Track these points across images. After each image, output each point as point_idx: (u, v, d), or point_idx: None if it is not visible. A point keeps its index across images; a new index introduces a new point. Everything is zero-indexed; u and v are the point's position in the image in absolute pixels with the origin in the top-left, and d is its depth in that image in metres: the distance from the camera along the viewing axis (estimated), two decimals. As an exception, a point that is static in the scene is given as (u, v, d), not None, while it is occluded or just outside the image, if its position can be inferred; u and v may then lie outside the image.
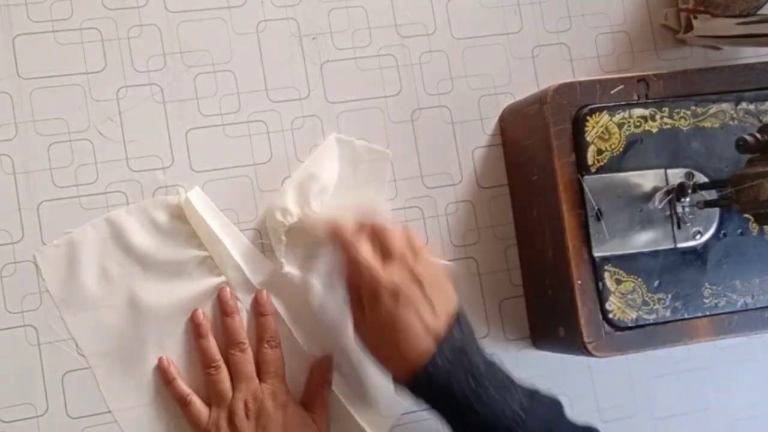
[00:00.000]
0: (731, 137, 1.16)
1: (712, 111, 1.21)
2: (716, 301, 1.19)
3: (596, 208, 1.16)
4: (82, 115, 1.19)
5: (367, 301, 1.09)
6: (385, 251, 1.10)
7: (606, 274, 1.16)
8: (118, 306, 1.18)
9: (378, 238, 1.11)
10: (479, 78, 1.30)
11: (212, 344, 1.18)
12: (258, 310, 1.20)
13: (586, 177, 1.16)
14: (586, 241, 1.16)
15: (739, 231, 1.21)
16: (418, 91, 1.28)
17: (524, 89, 1.30)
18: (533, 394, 1.08)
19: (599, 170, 1.17)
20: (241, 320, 1.19)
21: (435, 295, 1.08)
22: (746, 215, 1.19)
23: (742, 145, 1.08)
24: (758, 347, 1.36)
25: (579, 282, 1.15)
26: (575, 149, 1.17)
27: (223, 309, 1.19)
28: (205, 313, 1.19)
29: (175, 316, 1.19)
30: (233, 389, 1.17)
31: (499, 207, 1.30)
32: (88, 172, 1.19)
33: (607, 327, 1.16)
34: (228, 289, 1.19)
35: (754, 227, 1.21)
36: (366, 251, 1.09)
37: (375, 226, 1.12)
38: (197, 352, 1.19)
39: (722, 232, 1.20)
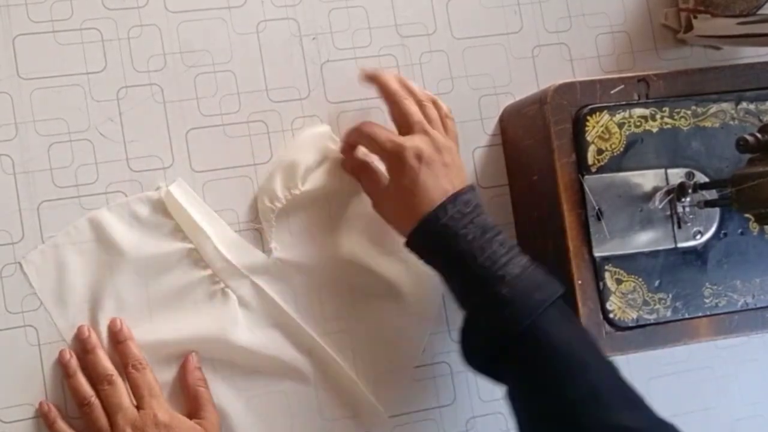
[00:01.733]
0: (731, 137, 1.16)
1: (712, 111, 1.21)
2: (717, 300, 1.19)
3: (597, 208, 1.16)
4: (82, 116, 1.19)
5: (391, 167, 1.16)
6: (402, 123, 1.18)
7: (606, 274, 1.16)
8: (105, 305, 1.17)
9: (396, 110, 1.19)
10: (479, 78, 1.30)
11: (81, 381, 1.14)
12: (115, 339, 1.16)
13: (586, 177, 1.16)
14: (587, 241, 1.16)
15: (740, 231, 1.21)
16: (419, 91, 1.28)
17: (524, 89, 1.30)
18: (534, 261, 1.10)
19: (599, 170, 1.17)
20: (105, 354, 1.15)
21: (452, 164, 1.14)
22: (747, 215, 1.20)
23: (742, 145, 1.08)
24: (759, 347, 1.36)
25: (579, 282, 1.16)
26: (575, 149, 1.17)
27: (82, 347, 1.16)
28: (71, 352, 1.16)
29: (163, 311, 1.19)
30: (111, 424, 1.13)
31: (499, 207, 1.30)
32: (88, 172, 1.19)
33: (607, 327, 1.16)
34: (86, 326, 1.16)
35: (754, 227, 1.21)
36: (380, 129, 1.17)
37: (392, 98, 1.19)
38: (70, 393, 1.15)
39: (723, 231, 1.20)
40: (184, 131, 1.22)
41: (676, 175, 1.19)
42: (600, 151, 1.17)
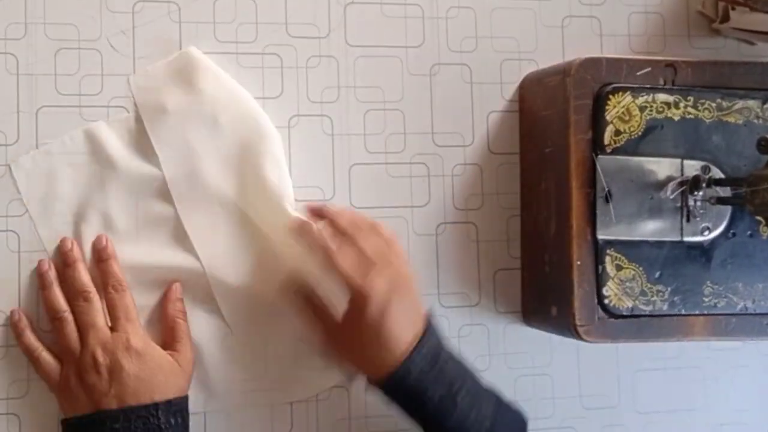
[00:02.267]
0: (754, 136, 1.14)
1: (737, 106, 1.19)
2: (716, 300, 1.17)
3: (606, 189, 1.14)
4: (94, 24, 1.16)
5: (351, 307, 1.08)
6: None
7: (607, 258, 1.14)
8: (92, 220, 1.15)
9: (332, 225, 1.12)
10: (504, 41, 1.28)
11: (57, 294, 1.12)
12: (98, 256, 1.14)
13: (600, 156, 1.14)
14: (591, 222, 1.14)
15: (749, 233, 1.19)
16: (441, 46, 1.26)
17: (549, 58, 1.27)
18: (500, 406, 1.11)
19: (614, 151, 1.15)
20: (85, 270, 1.13)
21: (409, 300, 1.09)
22: (758, 217, 1.18)
23: (764, 146, 1.06)
24: (752, 354, 1.34)
25: (578, 262, 1.13)
26: (593, 127, 1.15)
27: (63, 260, 1.13)
28: (51, 263, 1.13)
29: (150, 234, 1.17)
30: (81, 343, 1.09)
31: (507, 175, 1.27)
32: (93, 83, 1.16)
33: (600, 312, 1.14)
34: (69, 239, 1.14)
35: (764, 231, 1.20)
36: (344, 259, 1.08)
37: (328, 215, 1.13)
38: (43, 305, 1.13)
39: (731, 231, 1.18)
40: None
41: (692, 167, 1.17)
42: (617, 132, 1.15)
